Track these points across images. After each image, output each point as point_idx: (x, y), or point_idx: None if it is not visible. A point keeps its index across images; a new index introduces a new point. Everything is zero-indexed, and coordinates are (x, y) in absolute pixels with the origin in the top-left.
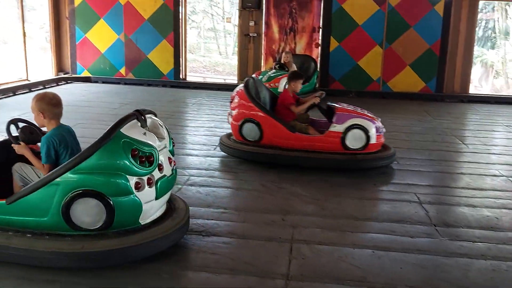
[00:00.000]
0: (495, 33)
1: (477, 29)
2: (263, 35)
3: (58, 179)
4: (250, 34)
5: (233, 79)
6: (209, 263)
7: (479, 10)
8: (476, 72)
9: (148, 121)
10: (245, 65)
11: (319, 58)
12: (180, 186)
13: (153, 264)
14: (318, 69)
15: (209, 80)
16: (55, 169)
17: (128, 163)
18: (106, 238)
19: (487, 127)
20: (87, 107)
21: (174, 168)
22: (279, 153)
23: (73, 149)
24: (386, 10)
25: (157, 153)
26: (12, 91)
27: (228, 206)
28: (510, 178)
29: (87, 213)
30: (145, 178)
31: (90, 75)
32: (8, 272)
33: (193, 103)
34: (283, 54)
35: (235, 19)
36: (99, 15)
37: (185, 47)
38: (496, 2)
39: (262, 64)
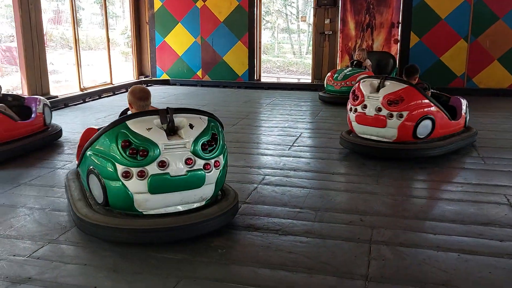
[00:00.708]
0: None
1: None
2: (338, 32)
3: (85, 153)
4: (326, 32)
5: (307, 78)
6: (286, 262)
7: None
8: None
9: (178, 119)
10: (320, 63)
11: (398, 55)
12: (255, 185)
13: (231, 260)
14: (397, 66)
15: (282, 80)
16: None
17: (116, 152)
18: (103, 214)
19: None
20: None
21: (205, 171)
22: (440, 144)
23: None
24: (472, 1)
25: (155, 150)
26: (98, 94)
27: (304, 205)
28: None
29: (95, 188)
30: (134, 169)
31: (169, 78)
32: (100, 264)
33: (267, 103)
34: (357, 51)
35: (310, 18)
36: (177, 19)
37: (259, 48)
38: None
39: (338, 62)
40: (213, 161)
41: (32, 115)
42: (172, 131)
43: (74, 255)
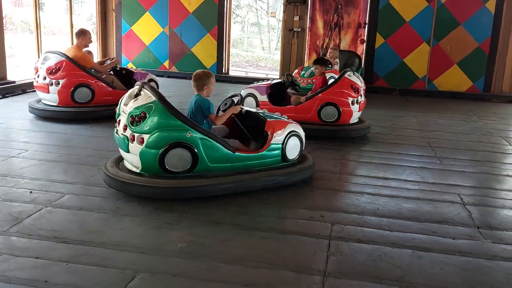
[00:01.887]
0: None
1: None
2: (307, 30)
3: None
4: (294, 29)
5: (275, 74)
6: (247, 257)
7: None
8: None
9: (142, 92)
10: (288, 60)
11: (364, 55)
12: None
13: (191, 254)
14: (363, 66)
15: (251, 75)
16: None
17: None
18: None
19: None
20: None
21: (130, 140)
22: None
23: (189, 111)
24: (435, 6)
25: (119, 110)
26: None
27: (268, 201)
28: None
29: None
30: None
31: (134, 67)
32: (52, 257)
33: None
34: (329, 50)
35: (280, 14)
36: (145, 8)
37: (229, 41)
38: None
39: (305, 59)
40: (137, 135)
41: None
42: None
43: (25, 248)
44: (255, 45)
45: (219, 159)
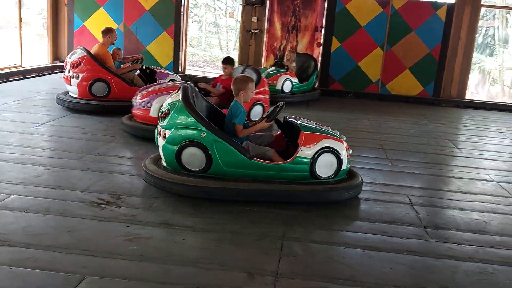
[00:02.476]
0: (494, 40)
1: (477, 35)
2: (265, 31)
3: None
4: (252, 30)
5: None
6: (199, 258)
7: (480, 17)
8: (473, 78)
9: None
10: (246, 61)
11: (320, 58)
12: None
13: (142, 257)
14: (318, 69)
15: (208, 75)
16: None
17: None
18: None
19: (481, 132)
20: None
21: (158, 134)
22: None
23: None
24: (389, 12)
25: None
26: (5, 77)
27: (220, 202)
28: (500, 183)
29: None
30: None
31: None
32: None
33: None
34: (287, 52)
35: (238, 15)
36: (99, 4)
37: (186, 40)
38: (497, 10)
39: (263, 61)
40: (162, 130)
41: None
42: None
43: None
44: (213, 45)
45: (234, 164)
